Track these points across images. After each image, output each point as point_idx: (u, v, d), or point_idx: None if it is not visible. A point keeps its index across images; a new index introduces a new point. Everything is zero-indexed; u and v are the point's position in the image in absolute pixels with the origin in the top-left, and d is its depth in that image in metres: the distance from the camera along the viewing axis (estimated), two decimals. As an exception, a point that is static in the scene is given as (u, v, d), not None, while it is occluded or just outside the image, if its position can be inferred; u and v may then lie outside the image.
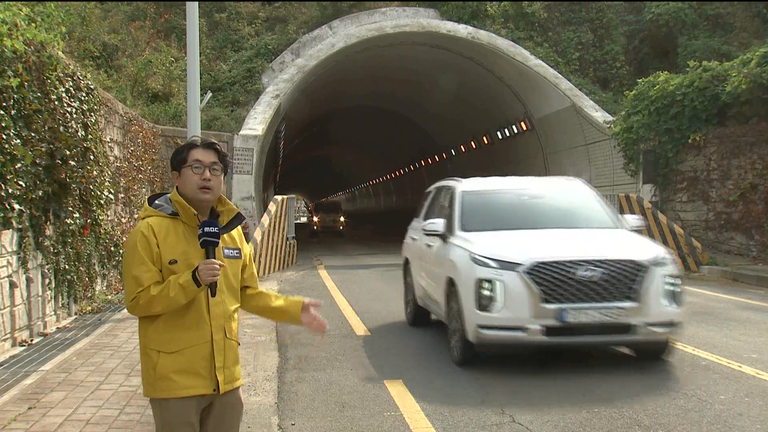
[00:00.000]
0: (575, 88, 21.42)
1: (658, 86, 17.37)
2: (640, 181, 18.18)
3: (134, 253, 2.92)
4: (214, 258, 2.92)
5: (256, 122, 19.12)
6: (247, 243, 3.26)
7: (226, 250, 3.06)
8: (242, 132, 18.62)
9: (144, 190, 13.80)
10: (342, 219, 39.50)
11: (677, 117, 16.89)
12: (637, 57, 23.23)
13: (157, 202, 3.07)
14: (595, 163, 20.94)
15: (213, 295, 2.93)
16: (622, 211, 17.50)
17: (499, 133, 27.16)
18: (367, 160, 52.16)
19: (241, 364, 3.15)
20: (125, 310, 9.75)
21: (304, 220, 59.48)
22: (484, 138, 28.73)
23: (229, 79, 20.60)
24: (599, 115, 20.32)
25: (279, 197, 18.27)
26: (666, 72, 18.16)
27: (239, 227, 3.17)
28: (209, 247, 2.92)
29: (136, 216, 13.01)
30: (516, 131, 25.58)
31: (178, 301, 2.87)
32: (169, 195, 3.08)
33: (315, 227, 38.39)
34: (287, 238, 18.61)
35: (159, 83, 18.24)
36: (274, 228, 16.90)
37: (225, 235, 3.08)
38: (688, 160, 17.00)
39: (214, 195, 3.03)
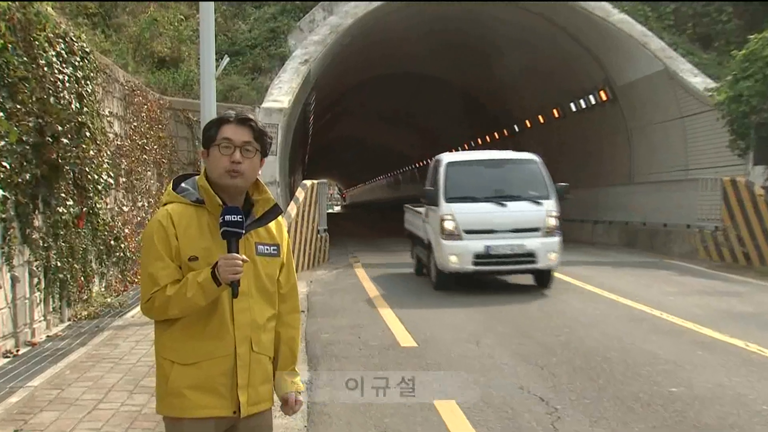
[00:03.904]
0: (668, 48, 21.02)
1: (774, 44, 16.89)
2: (751, 162, 17.77)
3: (150, 246, 2.94)
4: (237, 252, 2.88)
5: (281, 93, 19.15)
6: None
7: (259, 246, 3.02)
8: (265, 104, 18.67)
9: (149, 173, 13.94)
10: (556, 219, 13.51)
11: (798, 82, 16.41)
12: (749, 8, 22.58)
13: (182, 185, 3.05)
14: (694, 140, 20.53)
15: (235, 295, 2.90)
16: (726, 199, 17.13)
17: (572, 104, 26.82)
18: (414, 139, 52.00)
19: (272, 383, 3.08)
20: (126, 316, 9.85)
21: (338, 209, 59.30)
22: (555, 111, 28.40)
23: (249, 41, 20.67)
24: (699, 81, 19.91)
25: (308, 182, 18.31)
26: (785, 27, 17.65)
27: (279, 218, 3.12)
28: (231, 239, 2.88)
29: (139, 204, 13.14)
30: (594, 102, 25.28)
31: (197, 303, 2.86)
32: (196, 177, 3.06)
33: (451, 258, 12.94)
34: (318, 231, 18.66)
35: (166, 46, 18.39)
36: (303, 219, 16.95)
37: (261, 228, 3.04)
38: (811, 135, 16.53)
39: (246, 180, 2.98)
